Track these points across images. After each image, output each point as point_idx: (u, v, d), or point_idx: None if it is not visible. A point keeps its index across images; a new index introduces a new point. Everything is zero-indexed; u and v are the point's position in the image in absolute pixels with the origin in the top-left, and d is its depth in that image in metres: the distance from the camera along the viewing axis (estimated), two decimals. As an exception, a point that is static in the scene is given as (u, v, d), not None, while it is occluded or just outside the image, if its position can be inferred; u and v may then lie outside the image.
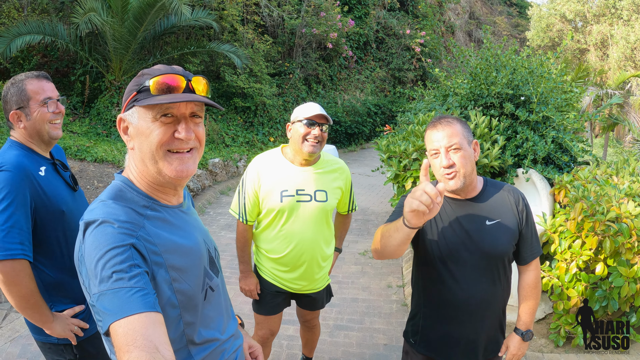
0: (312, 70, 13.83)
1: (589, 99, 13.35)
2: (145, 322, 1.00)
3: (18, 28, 8.15)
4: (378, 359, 3.57)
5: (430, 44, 16.81)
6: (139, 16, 8.61)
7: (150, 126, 1.20)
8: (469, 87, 4.60)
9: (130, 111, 1.22)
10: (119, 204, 1.19)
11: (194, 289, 1.28)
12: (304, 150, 2.41)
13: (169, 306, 1.22)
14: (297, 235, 2.51)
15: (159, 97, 1.18)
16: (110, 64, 9.37)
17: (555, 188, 3.83)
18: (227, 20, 11.07)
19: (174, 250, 1.23)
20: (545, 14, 24.30)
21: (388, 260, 5.49)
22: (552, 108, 4.17)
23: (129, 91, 1.24)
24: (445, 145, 1.84)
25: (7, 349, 3.57)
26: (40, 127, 1.94)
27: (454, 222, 1.94)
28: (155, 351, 0.96)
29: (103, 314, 1.03)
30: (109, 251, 1.07)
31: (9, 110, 1.92)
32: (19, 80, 1.93)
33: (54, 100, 1.96)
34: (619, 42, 22.58)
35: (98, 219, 1.13)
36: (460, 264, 1.93)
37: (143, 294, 1.04)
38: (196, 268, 1.30)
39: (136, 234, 1.14)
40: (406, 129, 4.34)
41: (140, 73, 1.25)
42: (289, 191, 2.46)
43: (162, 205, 1.28)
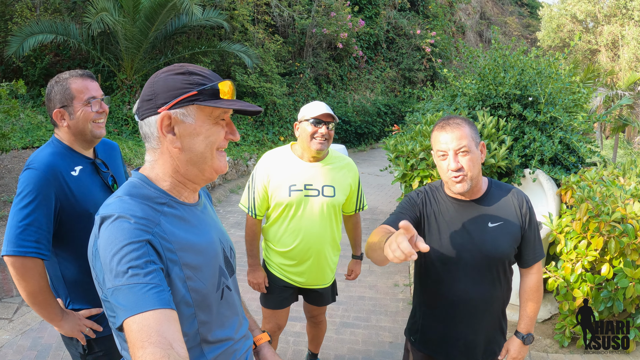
0: (323, 70, 13.87)
1: (599, 99, 13.26)
2: (160, 318, 1.00)
3: (31, 27, 8.26)
4: (383, 356, 3.60)
5: (440, 44, 16.78)
6: (150, 16, 8.69)
7: (212, 127, 1.23)
8: (477, 88, 4.61)
9: (182, 110, 1.20)
10: (136, 200, 1.19)
11: (208, 288, 1.28)
12: (312, 148, 2.47)
13: (184, 304, 1.22)
14: (304, 229, 2.56)
15: (228, 102, 1.22)
16: (122, 63, 9.47)
17: (562, 189, 3.84)
18: (237, 20, 11.14)
19: (189, 248, 1.23)
20: (556, 15, 24.13)
21: (396, 259, 5.52)
22: (559, 109, 4.18)
23: (177, 88, 1.19)
24: (454, 148, 1.82)
25: (17, 342, 3.65)
26: (83, 127, 1.94)
27: (457, 222, 1.93)
28: (169, 348, 0.96)
29: (117, 309, 1.03)
30: (125, 246, 1.07)
31: (52, 108, 1.92)
32: (64, 78, 1.93)
33: (97, 100, 1.96)
34: (630, 42, 22.37)
35: (114, 214, 1.13)
36: (461, 265, 1.92)
37: (158, 290, 1.04)
38: (211, 267, 1.30)
39: (152, 230, 1.14)
40: (414, 129, 4.37)
41: (184, 70, 1.22)
42: (297, 186, 2.52)
43: (180, 203, 1.28)
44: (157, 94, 1.20)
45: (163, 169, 1.26)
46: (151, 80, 1.23)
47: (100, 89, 2.02)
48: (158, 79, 1.21)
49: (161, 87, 1.20)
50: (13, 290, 4.26)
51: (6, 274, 4.23)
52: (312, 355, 3.36)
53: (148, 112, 1.21)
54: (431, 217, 1.97)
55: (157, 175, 1.27)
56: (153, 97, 1.20)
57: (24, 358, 3.46)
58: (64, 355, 3.50)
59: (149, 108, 1.21)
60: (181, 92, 1.19)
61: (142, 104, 1.23)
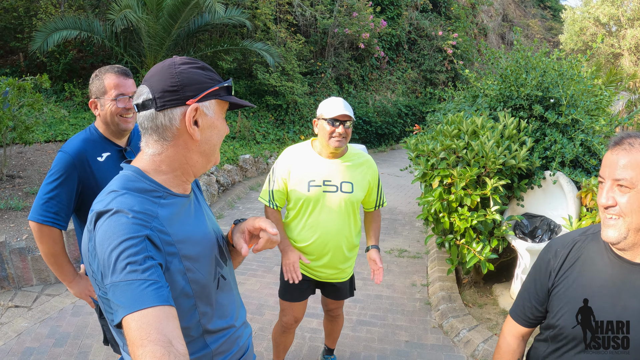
0: (344, 70, 13.87)
1: (621, 103, 13.03)
2: (159, 315, 0.99)
3: (55, 23, 8.39)
4: (399, 355, 3.61)
5: (462, 45, 16.65)
6: (173, 13, 8.79)
7: (222, 121, 1.31)
8: (499, 89, 4.59)
9: (206, 103, 1.24)
10: (132, 194, 1.17)
11: (207, 278, 1.29)
12: (331, 146, 2.51)
13: (184, 296, 1.22)
14: (322, 224, 2.59)
15: (236, 98, 1.31)
16: (145, 60, 9.58)
17: (583, 191, 3.81)
18: (260, 19, 11.20)
19: (187, 239, 1.23)
20: (579, 17, 23.76)
21: (413, 260, 5.51)
22: (581, 111, 4.14)
23: (202, 82, 1.23)
24: (612, 177, 1.32)
25: (36, 330, 3.73)
26: (110, 119, 2.15)
27: (611, 290, 1.38)
28: (169, 345, 0.95)
29: (115, 306, 1.02)
30: (123, 241, 1.05)
31: (90, 98, 2.17)
32: (102, 73, 2.13)
33: (125, 97, 2.13)
34: (654, 47, 21.92)
35: (112, 208, 1.11)
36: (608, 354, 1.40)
37: (157, 287, 1.03)
38: (208, 257, 1.31)
39: (150, 224, 1.13)
40: (435, 129, 4.37)
41: (200, 64, 1.25)
42: (316, 181, 2.55)
43: (175, 195, 1.27)
44: (184, 86, 1.20)
45: (170, 161, 1.26)
46: (168, 71, 1.21)
47: (134, 85, 2.19)
48: (181, 71, 1.21)
49: (187, 79, 1.20)
50: (33, 279, 4.38)
51: (26, 263, 4.34)
52: (329, 351, 3.38)
53: (172, 103, 1.20)
54: (572, 274, 1.46)
55: (159, 168, 1.26)
56: (179, 88, 1.19)
57: (42, 345, 3.53)
58: (81, 344, 3.58)
59: (173, 99, 1.19)
60: (206, 86, 1.23)
61: (162, 95, 1.20)
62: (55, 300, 4.17)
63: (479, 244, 3.79)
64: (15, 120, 5.36)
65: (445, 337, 3.84)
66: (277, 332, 2.97)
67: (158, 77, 1.21)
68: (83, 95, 9.32)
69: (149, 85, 1.21)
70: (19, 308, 4.05)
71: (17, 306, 4.07)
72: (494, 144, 3.78)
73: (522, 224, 4.13)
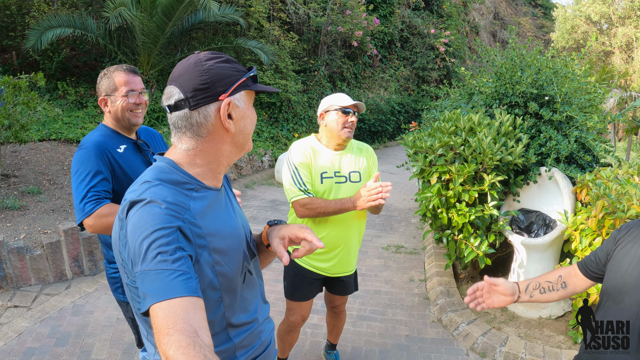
0: (337, 68, 13.91)
1: (613, 101, 13.20)
2: (186, 306, 0.99)
3: (49, 21, 8.32)
4: (400, 349, 3.66)
5: (454, 43, 16.75)
6: (168, 11, 8.76)
7: (252, 109, 1.33)
8: (494, 86, 4.65)
9: (237, 95, 1.26)
10: (165, 185, 1.19)
11: (234, 272, 1.30)
12: (343, 136, 2.57)
13: (211, 289, 1.23)
14: (332, 217, 2.62)
15: (262, 85, 1.32)
16: (139, 58, 9.54)
17: (578, 187, 3.88)
18: (253, 16, 11.20)
19: (217, 233, 1.24)
20: (570, 16, 24.01)
21: (411, 255, 5.58)
22: (575, 108, 4.21)
23: (230, 76, 1.25)
24: None
25: (37, 329, 3.72)
26: (121, 114, 2.22)
27: None
28: (195, 335, 0.95)
29: (143, 294, 1.03)
30: (155, 231, 1.06)
31: (99, 96, 2.22)
32: (110, 71, 2.21)
33: (135, 93, 2.22)
34: (645, 44, 22.24)
35: (145, 198, 1.13)
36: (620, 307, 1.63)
37: (186, 277, 1.03)
38: (237, 251, 1.32)
39: (182, 216, 1.14)
40: (432, 126, 4.42)
41: (225, 58, 1.27)
42: (328, 173, 2.61)
43: (207, 188, 1.28)
44: (214, 82, 1.22)
45: (205, 155, 1.27)
46: (196, 69, 1.22)
47: (142, 82, 2.27)
48: (208, 68, 1.22)
49: (216, 75, 1.22)
50: (31, 278, 4.36)
51: (25, 263, 4.32)
52: (331, 346, 3.42)
53: (205, 101, 1.22)
54: (624, 248, 1.69)
55: (193, 161, 1.27)
56: (210, 85, 1.21)
57: (44, 345, 3.52)
58: (83, 343, 3.58)
59: (206, 96, 1.21)
60: (235, 78, 1.25)
61: (194, 94, 1.21)
62: (55, 300, 4.16)
63: (476, 239, 3.85)
64: (11, 118, 5.34)
65: (444, 331, 3.90)
66: (283, 330, 3.00)
67: (186, 76, 1.23)
68: (76, 94, 9.27)
69: (179, 85, 1.23)
70: (18, 308, 4.03)
71: (17, 306, 4.05)
72: (491, 140, 3.84)
73: (518, 219, 4.20)
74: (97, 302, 4.17)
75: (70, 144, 7.59)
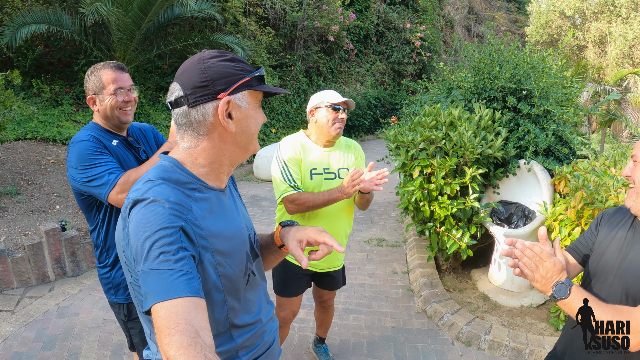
0: (314, 63, 13.92)
1: (587, 94, 13.53)
2: (188, 306, 0.99)
3: (23, 17, 8.12)
4: (387, 340, 3.73)
5: (430, 38, 16.90)
6: (144, 7, 8.64)
7: (258, 110, 1.31)
8: (473, 81, 4.74)
9: (238, 95, 1.24)
10: (169, 185, 1.18)
11: (237, 274, 1.29)
12: (333, 133, 2.60)
13: (214, 290, 1.23)
14: (324, 212, 2.65)
15: (272, 87, 1.30)
16: (114, 55, 9.39)
17: (556, 178, 4.00)
18: (230, 12, 11.12)
19: (219, 234, 1.24)
20: (545, 11, 24.46)
21: (392, 248, 5.66)
22: (553, 102, 4.32)
23: (232, 74, 1.23)
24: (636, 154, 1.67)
25: (22, 334, 3.65)
26: (110, 113, 2.17)
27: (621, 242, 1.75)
28: (196, 336, 0.95)
29: (146, 293, 1.02)
30: (158, 231, 1.06)
31: (87, 95, 2.18)
32: (97, 69, 2.16)
33: (124, 91, 2.17)
34: (617, 39, 22.80)
35: (148, 197, 1.13)
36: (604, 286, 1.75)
37: (188, 278, 1.03)
38: (239, 253, 1.31)
39: (185, 216, 1.14)
40: (412, 120, 4.48)
41: (230, 56, 1.25)
42: (317, 169, 2.64)
43: (210, 188, 1.28)
44: (213, 80, 1.20)
45: (207, 154, 1.27)
46: (197, 66, 1.22)
47: (130, 79, 2.22)
48: (209, 66, 1.21)
49: (216, 73, 1.21)
50: (13, 282, 4.28)
51: (6, 266, 4.23)
52: (320, 340, 3.46)
53: (204, 99, 1.21)
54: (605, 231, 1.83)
55: (196, 160, 1.27)
56: (209, 83, 1.20)
57: (30, 350, 3.46)
58: (70, 345, 3.54)
59: (205, 94, 1.20)
60: (237, 78, 1.23)
61: (193, 91, 1.21)
62: (39, 303, 4.10)
63: (458, 230, 3.94)
64: (-14, 118, 5.24)
65: (429, 321, 3.98)
66: None
67: (188, 73, 1.23)
68: (51, 92, 9.10)
69: (180, 82, 1.23)
70: (1, 312, 3.94)
71: (0, 310, 3.96)
72: (472, 134, 3.92)
73: (498, 211, 4.30)
74: (81, 304, 4.12)
75: (47, 142, 7.46)
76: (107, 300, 2.36)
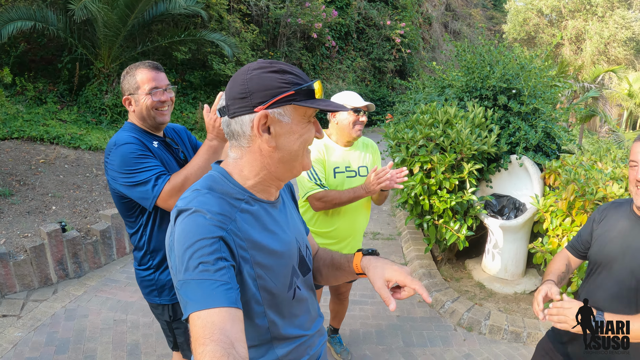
0: (296, 60, 14.04)
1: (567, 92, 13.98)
2: (224, 317, 0.99)
3: (8, 14, 8.05)
4: (393, 329, 3.92)
5: (409, 35, 17.15)
6: (130, 3, 8.62)
7: (306, 126, 1.24)
8: (465, 80, 4.95)
9: (279, 109, 1.18)
10: (214, 195, 1.18)
11: (279, 288, 1.27)
12: (354, 135, 2.73)
13: (254, 302, 1.22)
14: (345, 209, 2.79)
15: (323, 102, 1.22)
16: (99, 52, 9.34)
17: (546, 172, 4.24)
18: (214, 8, 11.14)
19: (262, 247, 1.22)
20: (523, 9, 25.05)
21: (387, 241, 5.85)
22: (541, 101, 4.57)
23: (274, 87, 1.17)
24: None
25: (32, 338, 3.57)
26: (146, 113, 2.12)
27: (624, 234, 1.94)
28: (230, 347, 0.95)
29: (185, 302, 1.04)
30: (198, 241, 1.07)
31: (123, 95, 2.15)
32: (133, 69, 2.12)
33: (160, 90, 2.12)
34: (593, 37, 23.52)
35: (191, 207, 1.13)
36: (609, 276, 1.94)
37: (226, 288, 1.04)
38: (284, 267, 1.29)
39: (227, 227, 1.13)
40: (410, 117, 4.66)
41: (277, 68, 1.19)
42: (340, 168, 2.77)
43: (259, 201, 1.27)
44: (252, 93, 1.16)
45: (250, 167, 1.25)
46: (241, 77, 1.19)
47: (166, 79, 2.19)
48: (251, 77, 1.17)
49: (256, 85, 1.16)
50: (16, 285, 4.19)
51: (9, 269, 4.10)
52: (334, 330, 3.61)
53: (241, 111, 1.18)
54: (605, 225, 2.02)
55: (242, 172, 1.26)
56: (247, 95, 1.17)
57: (43, 354, 3.40)
58: (85, 348, 3.50)
59: (242, 106, 1.18)
60: (278, 91, 1.17)
61: (232, 102, 1.19)
62: (44, 306, 4.02)
63: (456, 223, 4.14)
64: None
65: (431, 309, 4.18)
66: None
67: (232, 83, 1.21)
68: (35, 90, 9.02)
69: (226, 91, 1.23)
70: (7, 317, 3.82)
71: (5, 315, 3.84)
72: (469, 131, 4.12)
73: (491, 204, 4.53)
74: (89, 305, 4.06)
75: (34, 142, 7.34)
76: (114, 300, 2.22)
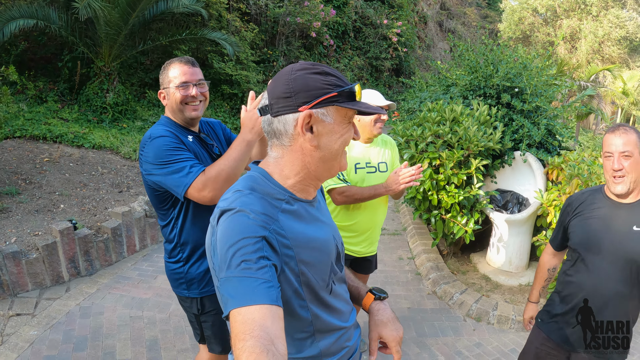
0: (295, 59, 14.09)
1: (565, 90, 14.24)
2: (265, 314, 1.00)
3: (10, 12, 8.06)
4: (406, 320, 4.03)
5: (405, 33, 17.25)
6: (132, 1, 8.66)
7: (347, 126, 1.27)
8: (469, 79, 5.08)
9: (322, 109, 1.21)
10: (256, 195, 1.21)
11: (320, 284, 1.30)
12: (375, 132, 2.84)
13: (296, 298, 1.25)
14: (365, 203, 2.88)
15: (364, 104, 1.27)
16: (100, 50, 9.35)
17: (549, 168, 4.37)
18: (214, 7, 11.18)
19: (305, 245, 1.25)
20: (518, 8, 25.30)
21: (393, 236, 5.98)
22: (543, 99, 4.70)
23: (318, 88, 1.20)
24: (619, 151, 1.99)
25: (49, 336, 3.55)
26: (177, 107, 2.14)
27: (605, 218, 2.09)
28: (270, 344, 0.96)
29: (226, 299, 1.06)
30: (241, 240, 1.10)
31: (158, 89, 2.18)
32: (169, 63, 2.16)
33: (189, 85, 2.12)
34: (588, 36, 23.80)
35: (235, 207, 1.16)
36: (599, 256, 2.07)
37: (268, 286, 1.05)
38: (324, 264, 1.32)
39: (269, 227, 1.16)
40: (417, 115, 4.78)
41: (320, 70, 1.23)
42: (360, 164, 2.87)
43: (298, 200, 1.29)
44: (296, 92, 1.20)
45: (291, 166, 1.27)
46: (285, 77, 1.22)
47: (200, 74, 2.20)
48: (295, 77, 1.21)
49: (301, 85, 1.20)
50: (28, 284, 4.16)
51: (21, 268, 4.08)
52: None
53: (285, 110, 1.21)
54: (582, 212, 2.18)
55: (282, 172, 1.28)
56: (292, 95, 1.20)
57: (62, 352, 3.38)
58: (103, 345, 3.51)
59: (286, 105, 1.21)
60: (322, 92, 1.20)
61: (276, 101, 1.22)
62: (58, 304, 4.01)
63: (463, 217, 4.25)
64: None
65: (440, 301, 4.31)
66: None
67: (275, 82, 1.24)
68: (36, 88, 9.03)
69: (269, 91, 1.26)
70: (21, 316, 3.80)
71: (19, 314, 3.82)
72: (476, 129, 4.24)
73: (496, 199, 4.65)
74: (103, 302, 4.08)
75: (36, 141, 7.37)
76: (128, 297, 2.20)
